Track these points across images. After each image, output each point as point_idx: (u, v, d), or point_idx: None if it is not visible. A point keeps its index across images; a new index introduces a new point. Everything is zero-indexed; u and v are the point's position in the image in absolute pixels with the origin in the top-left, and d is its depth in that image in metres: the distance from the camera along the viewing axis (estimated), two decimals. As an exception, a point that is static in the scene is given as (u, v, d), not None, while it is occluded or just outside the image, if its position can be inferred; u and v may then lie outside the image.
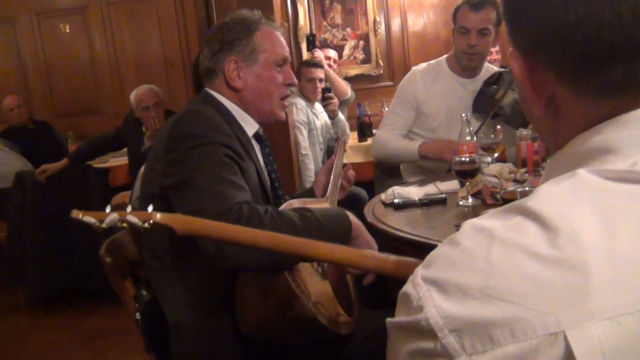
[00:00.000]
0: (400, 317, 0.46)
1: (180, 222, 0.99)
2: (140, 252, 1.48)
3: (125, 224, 0.96)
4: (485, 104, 2.25)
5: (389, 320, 0.47)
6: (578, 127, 0.49)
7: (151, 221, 0.97)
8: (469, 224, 0.46)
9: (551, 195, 0.44)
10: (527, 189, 1.58)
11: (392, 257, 0.96)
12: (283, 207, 1.32)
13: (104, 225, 0.95)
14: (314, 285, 1.22)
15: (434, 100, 2.34)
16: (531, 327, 0.38)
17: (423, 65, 2.45)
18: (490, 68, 2.42)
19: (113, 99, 5.13)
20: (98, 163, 3.64)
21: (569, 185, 0.44)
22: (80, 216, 0.95)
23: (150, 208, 0.99)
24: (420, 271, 0.45)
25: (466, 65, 2.30)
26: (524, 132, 1.95)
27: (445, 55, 2.43)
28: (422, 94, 2.35)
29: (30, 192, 3.30)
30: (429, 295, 0.43)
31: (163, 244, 1.36)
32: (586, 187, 0.43)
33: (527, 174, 1.81)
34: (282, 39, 1.48)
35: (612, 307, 0.38)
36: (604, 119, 0.47)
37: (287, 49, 1.50)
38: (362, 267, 0.97)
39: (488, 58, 3.72)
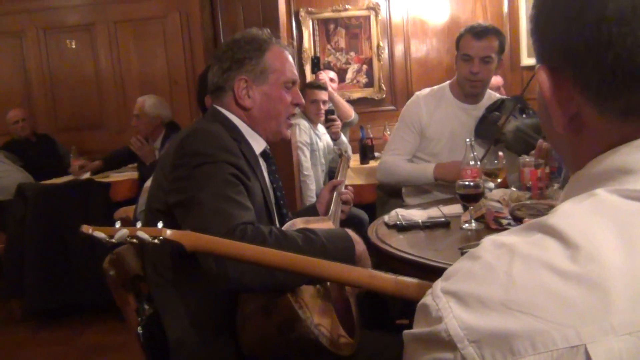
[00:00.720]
0: (418, 329, 0.46)
1: (190, 239, 1.00)
2: (143, 266, 1.48)
3: (134, 240, 0.96)
4: (487, 130, 2.27)
5: (406, 332, 0.48)
6: (599, 147, 0.50)
7: (161, 237, 0.98)
8: (488, 240, 0.47)
9: (572, 214, 0.45)
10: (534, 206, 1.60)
11: (394, 277, 0.97)
12: (286, 226, 1.32)
13: (113, 240, 0.96)
14: (316, 306, 1.22)
15: (436, 125, 2.36)
16: (552, 340, 0.39)
17: (426, 90, 2.48)
18: (492, 95, 2.45)
19: (116, 115, 5.17)
20: (100, 177, 3.65)
21: (589, 204, 0.45)
22: (90, 231, 0.95)
23: (160, 224, 1.00)
24: (439, 284, 0.46)
25: (468, 91, 2.33)
26: (527, 159, 1.98)
27: (448, 82, 2.46)
28: (425, 118, 2.37)
29: (30, 204, 3.29)
30: (448, 306, 0.43)
31: (166, 259, 1.36)
32: (606, 206, 0.44)
33: (529, 200, 1.82)
34: (291, 59, 1.50)
35: (632, 322, 0.39)
36: (625, 141, 0.48)
37: (295, 70, 1.52)
38: (371, 287, 0.98)
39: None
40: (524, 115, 2.31)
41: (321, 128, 3.55)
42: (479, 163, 1.90)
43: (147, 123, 3.57)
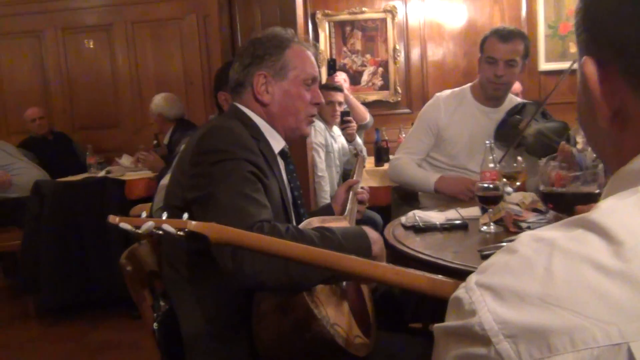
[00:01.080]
0: (450, 322, 0.45)
1: (214, 230, 0.99)
2: (159, 263, 1.48)
3: (160, 232, 0.96)
4: (508, 134, 2.25)
5: (437, 325, 0.46)
6: None
7: (186, 229, 0.97)
8: (526, 234, 0.46)
9: (615, 210, 0.44)
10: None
11: (428, 275, 0.95)
12: (303, 225, 1.31)
13: (139, 231, 0.96)
14: (332, 305, 1.20)
15: (455, 127, 2.34)
16: (592, 337, 0.38)
17: (447, 92, 2.46)
18: (513, 99, 2.43)
19: (132, 115, 5.21)
20: (115, 175, 3.68)
21: (634, 200, 0.44)
22: (117, 221, 0.95)
23: (185, 216, 0.99)
24: (473, 277, 0.45)
25: (491, 94, 2.31)
26: (552, 163, 1.94)
27: (469, 84, 2.44)
28: (444, 120, 2.36)
29: (47, 201, 3.33)
30: (483, 300, 0.42)
31: (182, 256, 1.36)
32: None
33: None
34: (312, 58, 1.49)
35: None
36: None
37: (317, 68, 1.50)
38: (398, 284, 0.96)
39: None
40: (545, 119, 2.28)
41: (336, 130, 3.54)
42: (498, 166, 1.88)
43: (155, 120, 3.85)
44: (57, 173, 4.05)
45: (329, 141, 3.41)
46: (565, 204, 1.50)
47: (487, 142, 1.87)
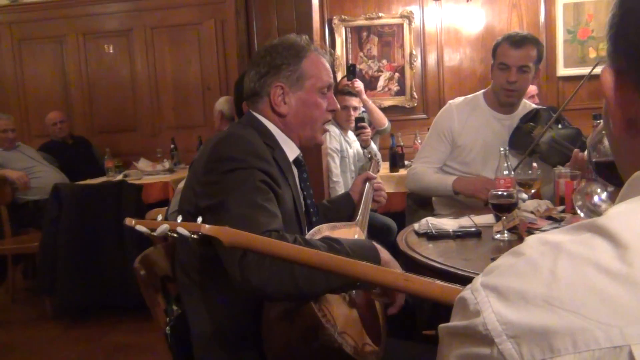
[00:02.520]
0: (455, 322, 0.45)
1: (228, 234, 1.00)
2: (172, 267, 1.49)
3: (174, 234, 0.97)
4: (522, 141, 2.23)
5: (442, 325, 0.47)
6: None
7: (200, 232, 0.98)
8: (533, 237, 0.46)
9: (622, 214, 0.44)
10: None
11: (439, 283, 0.95)
12: (312, 231, 1.31)
13: (154, 234, 0.97)
14: (341, 313, 1.20)
15: (469, 134, 2.34)
16: (594, 339, 0.38)
17: (460, 99, 2.46)
18: (527, 105, 2.41)
19: (150, 119, 5.27)
20: (132, 180, 3.72)
21: None
22: (133, 224, 0.97)
23: (199, 220, 1.00)
24: (479, 278, 0.45)
25: (504, 101, 2.29)
26: (563, 170, 1.93)
27: (482, 90, 2.43)
28: (457, 127, 2.35)
29: (65, 204, 3.37)
30: (487, 300, 0.42)
31: (194, 261, 1.37)
32: None
33: (564, 213, 1.77)
34: (327, 65, 1.49)
35: None
36: None
37: (332, 75, 1.50)
38: (407, 290, 0.96)
39: (530, 101, 3.79)
40: (559, 126, 2.26)
41: (351, 135, 3.54)
42: (512, 173, 1.86)
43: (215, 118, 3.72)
44: (76, 176, 4.11)
45: (344, 146, 3.41)
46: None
47: (502, 149, 1.86)
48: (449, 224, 1.78)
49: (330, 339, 1.11)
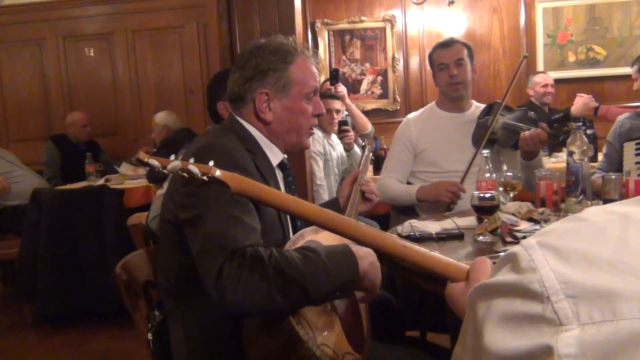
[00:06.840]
0: (501, 276, 0.43)
1: (236, 181, 1.01)
2: (155, 273, 1.48)
3: (185, 173, 0.97)
4: (481, 134, 2.34)
5: (479, 284, 0.45)
6: None
7: (209, 175, 0.98)
8: (594, 208, 0.45)
9: None
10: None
11: (433, 254, 0.95)
12: (295, 237, 1.29)
13: (166, 170, 0.97)
14: (320, 323, 1.19)
15: (428, 137, 2.47)
16: None
17: (415, 113, 2.65)
18: (479, 105, 2.53)
19: (132, 123, 5.22)
20: (113, 184, 3.67)
21: None
22: (146, 159, 0.97)
23: (211, 163, 1.00)
24: (533, 240, 0.43)
25: (454, 95, 2.43)
26: (543, 172, 1.95)
27: (434, 101, 2.59)
28: (416, 135, 2.49)
29: (45, 210, 3.32)
30: (544, 258, 0.41)
31: (175, 268, 1.35)
32: None
33: (548, 214, 1.79)
34: (314, 69, 1.46)
35: None
36: None
37: (318, 78, 1.48)
38: (403, 257, 0.98)
39: (542, 90, 4.05)
40: (508, 112, 2.40)
41: (335, 138, 3.54)
42: (494, 175, 1.88)
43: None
44: (77, 179, 4.04)
45: (327, 149, 3.41)
46: None
47: (485, 152, 1.88)
48: (431, 226, 1.79)
49: (308, 352, 1.11)
